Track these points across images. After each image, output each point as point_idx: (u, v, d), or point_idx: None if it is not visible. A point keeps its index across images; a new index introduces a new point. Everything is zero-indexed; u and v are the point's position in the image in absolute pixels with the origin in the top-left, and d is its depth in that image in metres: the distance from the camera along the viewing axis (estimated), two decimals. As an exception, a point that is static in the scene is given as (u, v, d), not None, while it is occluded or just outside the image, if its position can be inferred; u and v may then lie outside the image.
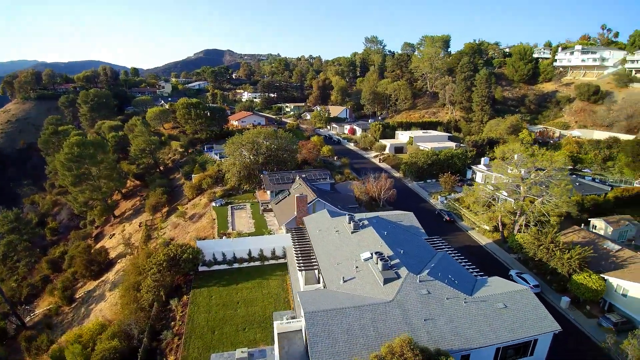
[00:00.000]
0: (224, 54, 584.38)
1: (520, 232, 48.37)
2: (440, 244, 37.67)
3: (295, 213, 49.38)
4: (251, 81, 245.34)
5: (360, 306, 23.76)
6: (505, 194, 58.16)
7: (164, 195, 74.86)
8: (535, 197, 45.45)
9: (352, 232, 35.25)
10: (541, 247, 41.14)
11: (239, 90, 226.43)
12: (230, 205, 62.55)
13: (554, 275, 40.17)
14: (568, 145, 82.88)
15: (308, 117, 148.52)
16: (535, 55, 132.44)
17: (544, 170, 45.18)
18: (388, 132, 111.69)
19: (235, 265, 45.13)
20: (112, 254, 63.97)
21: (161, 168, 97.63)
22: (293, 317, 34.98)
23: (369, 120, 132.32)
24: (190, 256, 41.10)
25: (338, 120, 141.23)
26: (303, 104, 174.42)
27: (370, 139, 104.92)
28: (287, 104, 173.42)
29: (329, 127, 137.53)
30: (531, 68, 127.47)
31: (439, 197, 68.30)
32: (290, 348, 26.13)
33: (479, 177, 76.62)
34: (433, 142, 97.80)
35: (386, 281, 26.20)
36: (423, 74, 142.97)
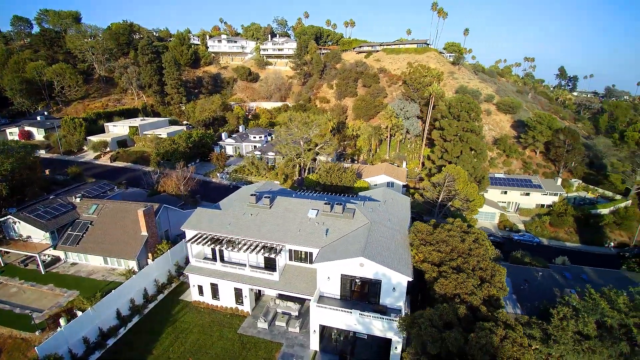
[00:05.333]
0: None
1: (309, 174, 66.59)
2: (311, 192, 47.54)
3: (145, 233, 39.13)
4: None
5: (368, 234, 31.20)
6: (272, 154, 74.10)
7: None
8: (314, 148, 64.47)
9: (271, 207, 37.17)
10: (333, 175, 61.33)
11: None
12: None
13: (345, 190, 62.04)
14: (264, 113, 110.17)
15: None
16: (191, 42, 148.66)
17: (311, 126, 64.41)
18: (88, 126, 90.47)
19: (111, 341, 31.38)
20: None
21: None
22: (266, 315, 33.82)
23: (38, 118, 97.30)
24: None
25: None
26: None
27: (77, 138, 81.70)
28: None
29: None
30: (193, 53, 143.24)
31: (217, 174, 72.35)
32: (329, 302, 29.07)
33: (229, 150, 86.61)
34: (159, 128, 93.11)
35: (353, 216, 34.38)
36: (83, 55, 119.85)
